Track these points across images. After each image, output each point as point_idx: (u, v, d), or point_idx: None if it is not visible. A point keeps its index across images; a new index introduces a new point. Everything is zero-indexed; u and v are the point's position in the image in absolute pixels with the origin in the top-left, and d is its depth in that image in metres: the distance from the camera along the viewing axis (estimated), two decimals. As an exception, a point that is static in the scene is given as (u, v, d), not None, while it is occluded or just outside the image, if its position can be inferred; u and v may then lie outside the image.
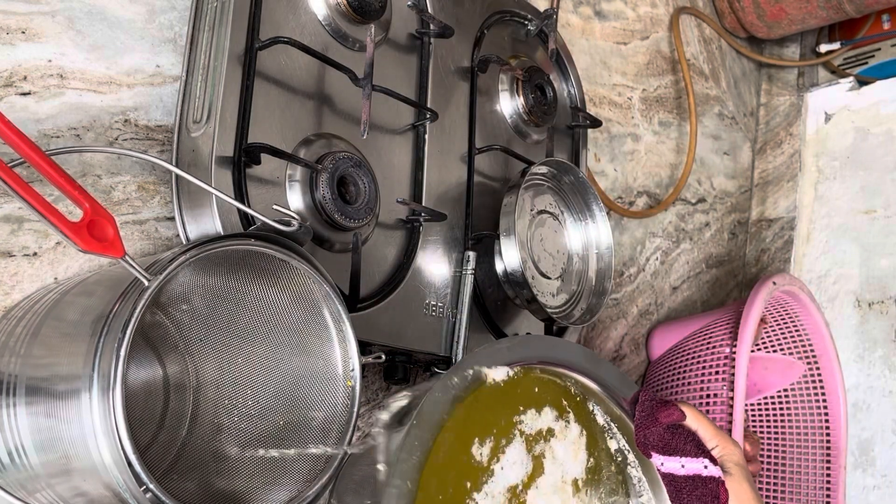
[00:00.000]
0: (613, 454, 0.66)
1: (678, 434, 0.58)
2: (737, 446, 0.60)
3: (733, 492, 0.57)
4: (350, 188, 0.68)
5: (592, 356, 0.66)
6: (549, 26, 0.94)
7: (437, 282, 0.78)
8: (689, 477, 0.57)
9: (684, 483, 0.58)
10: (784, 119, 1.52)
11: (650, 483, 0.66)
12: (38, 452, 0.47)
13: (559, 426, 0.63)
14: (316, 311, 0.57)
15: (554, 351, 0.64)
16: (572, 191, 0.91)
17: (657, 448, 0.58)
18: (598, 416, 0.65)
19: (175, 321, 0.56)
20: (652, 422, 0.58)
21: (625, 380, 0.66)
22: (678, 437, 0.58)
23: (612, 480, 0.66)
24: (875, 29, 1.45)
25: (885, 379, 1.27)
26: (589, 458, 0.64)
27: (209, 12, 0.64)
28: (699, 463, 0.57)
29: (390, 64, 0.77)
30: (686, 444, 0.58)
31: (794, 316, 1.09)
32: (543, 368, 0.63)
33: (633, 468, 0.66)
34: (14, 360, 0.49)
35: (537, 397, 0.62)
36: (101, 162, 0.61)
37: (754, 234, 1.51)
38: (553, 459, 0.62)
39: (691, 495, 0.57)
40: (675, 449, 0.58)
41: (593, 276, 0.92)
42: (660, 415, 0.58)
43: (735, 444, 0.60)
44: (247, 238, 0.52)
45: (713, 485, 0.57)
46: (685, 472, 0.58)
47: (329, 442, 0.56)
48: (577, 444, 0.64)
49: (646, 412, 0.59)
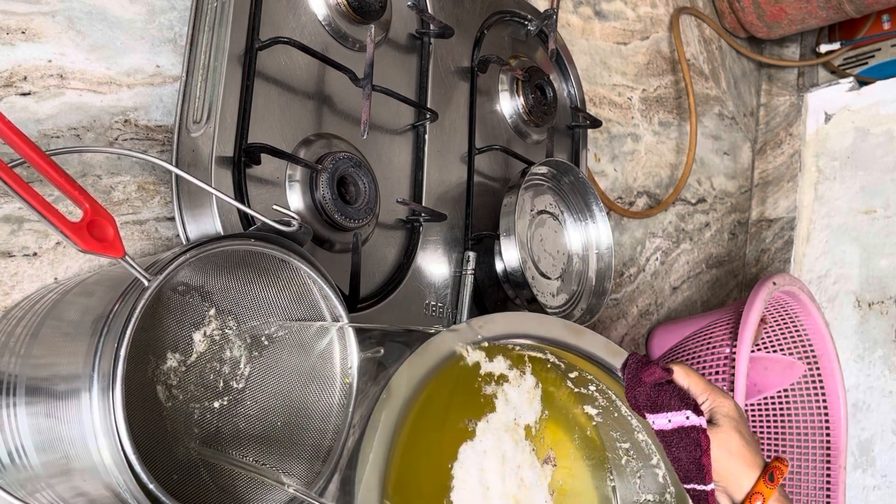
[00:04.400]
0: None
1: (664, 391, 0.59)
2: (728, 398, 0.60)
3: (721, 442, 0.57)
4: (350, 188, 0.68)
5: (574, 328, 0.66)
6: (549, 26, 0.94)
7: (437, 282, 0.78)
8: (675, 430, 0.58)
9: (672, 437, 0.58)
10: (784, 119, 1.52)
11: (657, 446, 0.67)
12: (39, 452, 0.47)
13: (513, 374, 0.65)
14: (316, 311, 0.58)
15: (526, 327, 0.65)
16: (572, 191, 0.91)
17: (647, 407, 0.59)
18: (581, 385, 0.66)
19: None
20: (637, 382, 0.59)
21: (611, 347, 0.66)
22: (664, 394, 0.59)
23: (620, 451, 0.67)
24: (875, 29, 1.45)
25: (885, 379, 1.27)
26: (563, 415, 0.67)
27: (209, 12, 0.64)
28: (682, 415, 0.58)
29: (390, 64, 0.77)
30: (671, 399, 0.58)
31: (794, 316, 1.09)
32: (522, 345, 0.64)
33: (638, 433, 0.67)
34: (14, 360, 0.49)
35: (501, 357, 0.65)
36: (101, 162, 0.61)
37: (754, 235, 1.51)
38: (506, 401, 0.65)
39: (678, 447, 0.58)
40: (661, 406, 0.58)
41: (593, 277, 0.92)
42: (643, 374, 0.59)
43: (726, 397, 0.60)
44: (247, 238, 0.52)
45: (695, 433, 0.57)
46: (671, 426, 0.58)
47: (327, 439, 0.56)
48: (531, 394, 0.66)
49: (631, 374, 0.60)
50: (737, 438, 0.58)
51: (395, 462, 0.55)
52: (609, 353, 0.66)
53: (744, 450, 0.58)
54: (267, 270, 0.55)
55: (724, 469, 0.58)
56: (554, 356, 0.65)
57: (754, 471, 0.57)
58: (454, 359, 0.60)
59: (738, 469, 0.57)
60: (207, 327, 0.55)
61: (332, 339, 0.58)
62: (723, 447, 0.57)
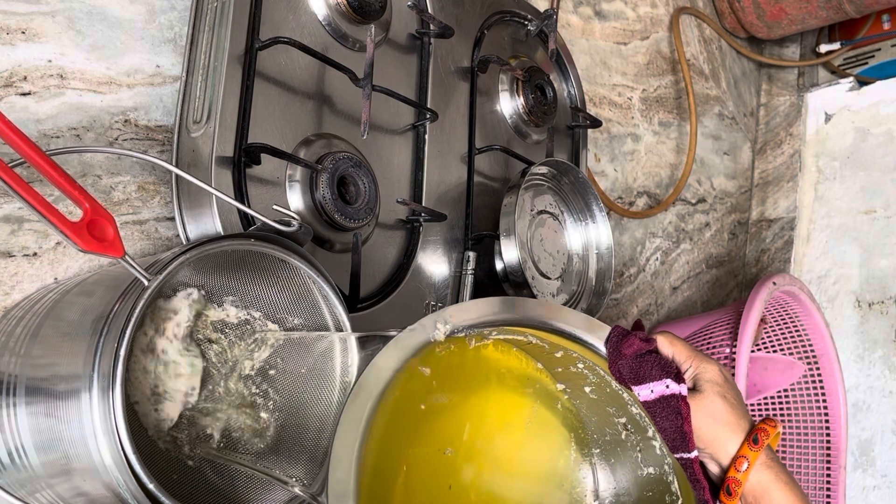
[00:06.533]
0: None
1: (646, 362, 0.58)
2: (712, 363, 0.58)
3: (703, 408, 0.56)
4: (350, 188, 0.68)
5: (553, 308, 0.65)
6: (549, 26, 0.94)
7: (437, 282, 0.78)
8: (657, 399, 0.57)
9: (655, 407, 0.57)
10: (784, 119, 1.52)
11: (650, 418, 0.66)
12: (39, 452, 0.47)
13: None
14: (316, 311, 0.58)
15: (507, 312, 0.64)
16: (572, 191, 0.91)
17: (631, 379, 0.58)
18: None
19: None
20: (619, 355, 0.58)
21: (592, 324, 0.65)
22: (646, 365, 0.58)
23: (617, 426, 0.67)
24: (875, 29, 1.45)
25: (885, 379, 1.27)
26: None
27: (209, 12, 0.64)
28: (662, 384, 0.57)
29: (390, 64, 0.77)
30: (653, 369, 0.57)
31: (794, 316, 1.09)
32: (500, 329, 0.63)
33: (632, 406, 0.66)
34: (14, 361, 0.49)
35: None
36: (101, 162, 0.61)
37: (754, 235, 1.51)
38: None
39: (662, 417, 0.57)
40: (644, 377, 0.58)
41: (593, 277, 0.92)
42: (622, 347, 0.58)
43: (711, 362, 0.58)
44: (247, 238, 0.52)
45: (675, 401, 0.56)
46: (654, 396, 0.57)
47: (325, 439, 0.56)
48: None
49: (612, 347, 0.59)
50: (720, 403, 0.56)
51: (370, 455, 0.54)
52: (590, 330, 0.64)
53: (728, 414, 0.56)
54: (267, 270, 0.55)
55: (708, 435, 0.56)
56: (536, 338, 0.64)
57: (739, 435, 0.56)
58: (427, 349, 0.59)
59: (723, 434, 0.56)
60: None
61: (334, 340, 0.58)
62: (705, 413, 0.56)
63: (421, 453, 0.61)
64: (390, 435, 0.57)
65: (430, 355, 0.59)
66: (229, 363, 0.55)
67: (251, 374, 0.56)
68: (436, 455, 0.62)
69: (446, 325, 0.58)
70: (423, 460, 0.61)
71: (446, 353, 0.60)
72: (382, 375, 0.54)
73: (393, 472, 0.59)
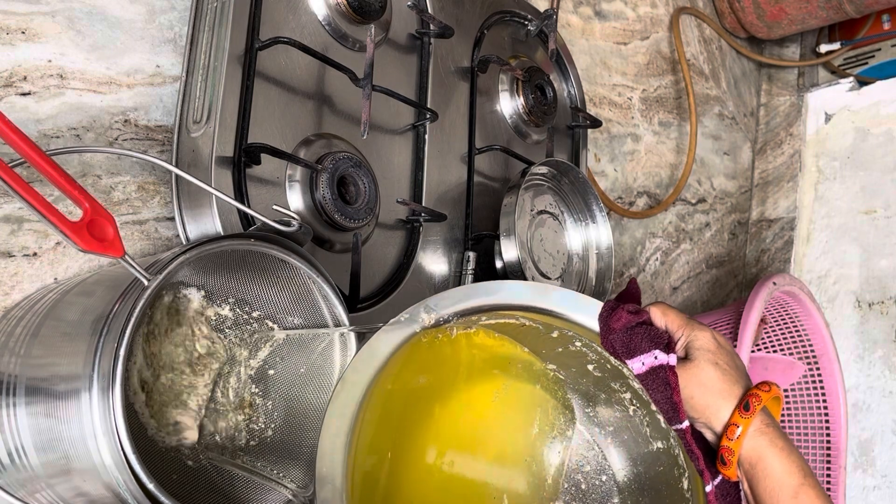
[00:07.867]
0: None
1: (636, 334, 0.56)
2: (704, 330, 0.57)
3: (693, 377, 0.55)
4: (350, 188, 0.68)
5: (539, 289, 0.63)
6: (549, 26, 0.94)
7: (437, 282, 0.78)
8: (648, 371, 0.56)
9: (647, 379, 0.56)
10: (784, 119, 1.52)
11: None
12: (39, 453, 0.47)
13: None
14: (316, 311, 0.58)
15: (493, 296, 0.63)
16: (572, 191, 0.91)
17: (623, 353, 0.57)
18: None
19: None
20: (609, 330, 0.57)
21: (581, 302, 0.62)
22: (636, 337, 0.56)
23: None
24: (875, 29, 1.45)
25: (885, 379, 1.27)
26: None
27: (209, 12, 0.64)
28: (651, 356, 0.56)
29: (390, 64, 0.77)
30: (643, 341, 0.56)
31: (794, 316, 1.09)
32: (489, 315, 0.62)
33: (633, 381, 0.64)
34: (14, 361, 0.49)
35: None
36: (101, 162, 0.61)
37: (754, 235, 1.51)
38: None
39: (653, 388, 0.56)
40: (634, 349, 0.56)
41: (593, 277, 0.92)
42: (611, 321, 0.57)
43: (703, 329, 0.57)
44: (246, 238, 0.52)
45: (663, 372, 0.55)
46: (645, 369, 0.56)
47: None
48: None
49: (603, 321, 0.58)
50: (711, 370, 0.55)
51: (357, 449, 0.54)
52: (580, 308, 0.62)
53: (720, 381, 0.54)
54: (267, 271, 0.55)
55: (700, 404, 0.55)
56: (528, 320, 0.63)
57: (732, 402, 0.54)
58: (414, 340, 0.59)
59: (715, 402, 0.54)
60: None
61: (333, 339, 0.58)
62: (696, 382, 0.55)
63: (404, 441, 0.61)
64: (376, 425, 0.57)
65: (415, 346, 0.59)
66: (229, 363, 0.55)
67: (251, 374, 0.56)
68: (416, 443, 0.62)
69: (431, 313, 0.57)
70: (406, 449, 0.61)
71: (431, 341, 0.60)
72: (369, 365, 0.54)
73: (379, 460, 0.59)
